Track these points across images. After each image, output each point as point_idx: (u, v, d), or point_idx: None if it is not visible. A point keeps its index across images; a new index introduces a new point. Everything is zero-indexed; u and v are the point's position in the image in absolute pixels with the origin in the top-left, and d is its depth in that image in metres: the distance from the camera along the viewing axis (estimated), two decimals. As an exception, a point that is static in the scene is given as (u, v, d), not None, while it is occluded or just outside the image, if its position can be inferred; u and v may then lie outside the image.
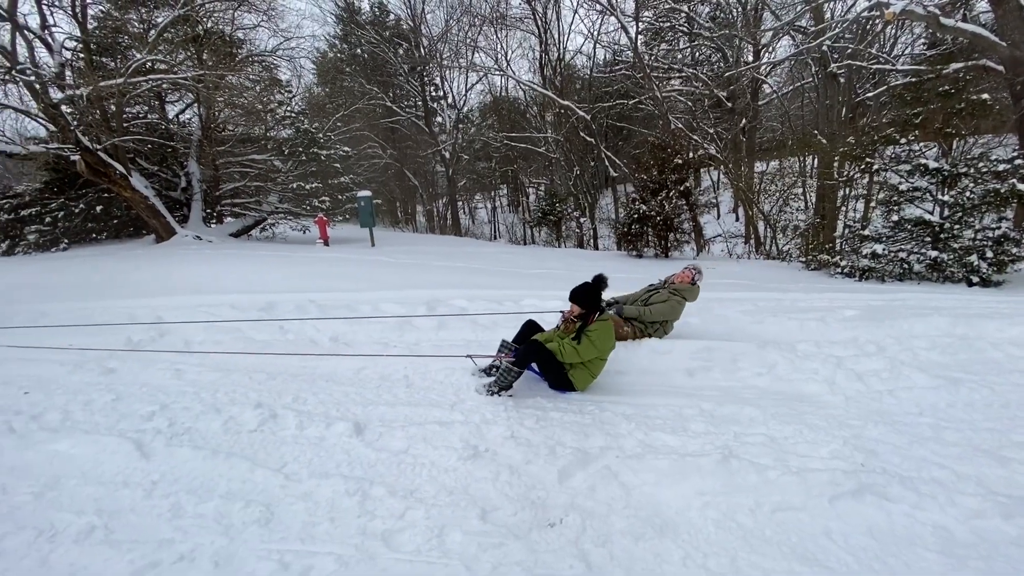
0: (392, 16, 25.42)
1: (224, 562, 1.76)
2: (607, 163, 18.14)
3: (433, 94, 24.74)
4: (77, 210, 12.87)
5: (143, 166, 13.60)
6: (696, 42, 17.79)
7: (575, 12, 19.14)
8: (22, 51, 10.21)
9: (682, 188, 12.46)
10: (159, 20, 12.45)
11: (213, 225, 15.30)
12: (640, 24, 16.88)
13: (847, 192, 13.09)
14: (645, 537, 1.88)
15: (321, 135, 15.56)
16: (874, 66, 13.22)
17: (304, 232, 16.30)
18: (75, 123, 10.56)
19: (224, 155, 14.95)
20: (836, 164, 11.99)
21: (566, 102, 17.69)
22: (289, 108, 15.84)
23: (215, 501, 2.06)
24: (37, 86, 9.93)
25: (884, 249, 8.48)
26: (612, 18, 16.82)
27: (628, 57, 17.90)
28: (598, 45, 19.59)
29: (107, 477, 2.29)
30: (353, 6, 24.48)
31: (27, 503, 2.10)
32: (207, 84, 11.34)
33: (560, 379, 3.23)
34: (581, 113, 17.34)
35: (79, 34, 11.79)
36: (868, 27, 12.85)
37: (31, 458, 2.45)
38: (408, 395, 3.21)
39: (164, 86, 12.85)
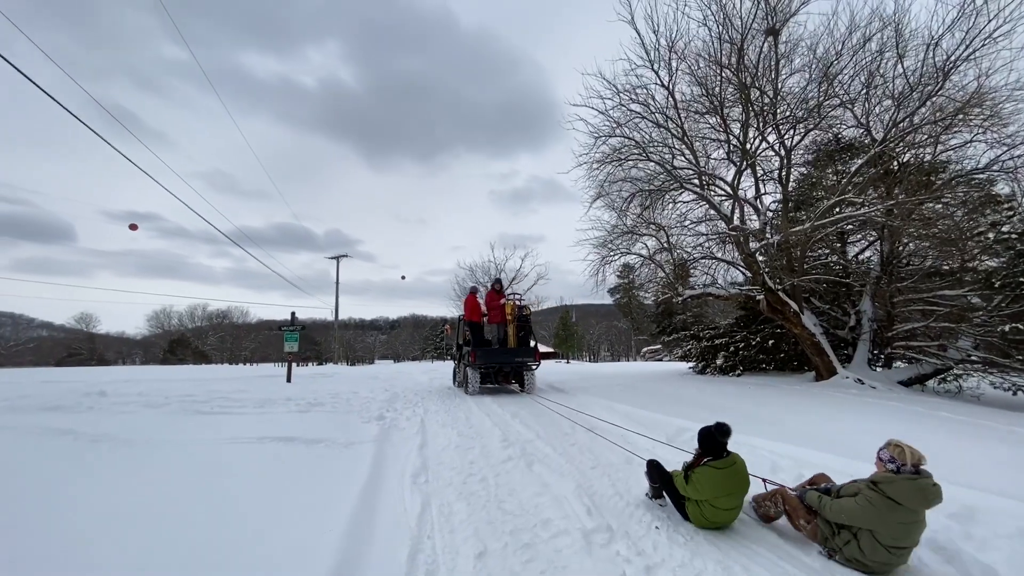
0: None
1: None
2: None
3: None
4: (754, 342, 14.71)
5: (815, 304, 13.99)
6: None
7: None
8: (735, 215, 13.01)
9: None
10: (852, 168, 12.82)
11: (878, 369, 13.52)
12: None
13: None
14: None
15: (1063, 258, 10.83)
16: None
17: (1014, 393, 11.57)
18: (765, 268, 12.19)
19: (904, 291, 13.12)
20: None
21: None
22: (1004, 230, 12.12)
23: None
24: (741, 240, 12.21)
25: None
26: None
27: None
28: None
29: None
30: None
31: None
32: (897, 215, 10.36)
33: (677, 503, 3.48)
34: None
35: (780, 196, 13.86)
36: None
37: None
38: None
39: (848, 226, 12.91)
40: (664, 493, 3.66)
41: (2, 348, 73.75)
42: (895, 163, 12.83)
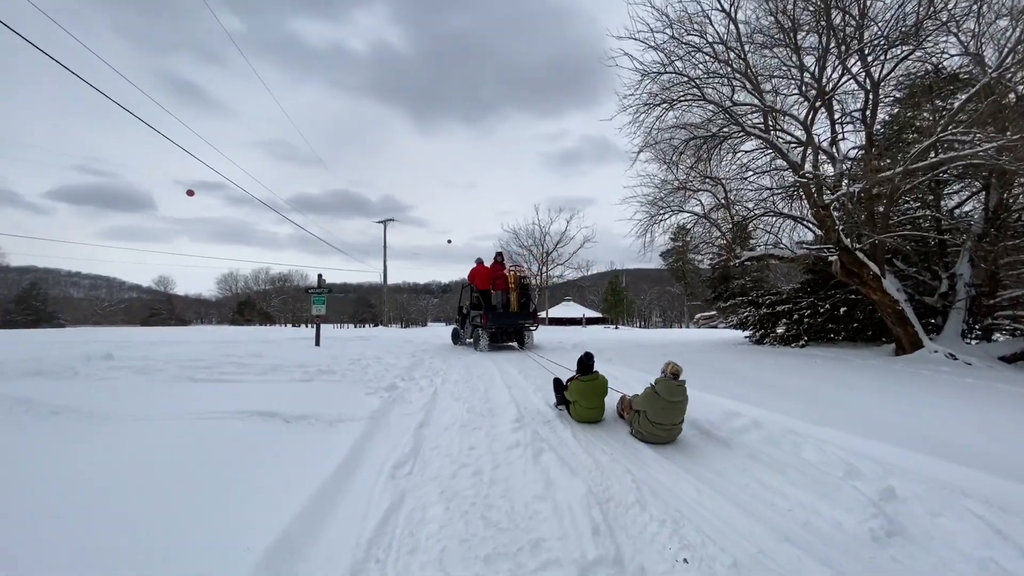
0: None
1: None
2: None
3: None
4: (822, 310, 13.06)
5: (897, 267, 12.12)
6: None
7: None
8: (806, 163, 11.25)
9: None
10: (956, 104, 10.65)
11: (973, 342, 11.64)
12: None
13: None
14: None
15: None
16: None
17: None
18: (840, 224, 10.52)
19: (1013, 251, 11.02)
20: None
21: None
22: None
23: None
24: (813, 190, 10.53)
25: None
26: None
27: None
28: None
29: None
30: None
31: None
32: (1012, 158, 8.44)
33: (567, 406, 5.21)
34: None
35: (864, 138, 11.84)
36: None
37: None
38: None
39: (945, 174, 10.88)
40: (563, 404, 5.28)
41: (99, 309, 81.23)
42: (1011, 95, 10.55)
